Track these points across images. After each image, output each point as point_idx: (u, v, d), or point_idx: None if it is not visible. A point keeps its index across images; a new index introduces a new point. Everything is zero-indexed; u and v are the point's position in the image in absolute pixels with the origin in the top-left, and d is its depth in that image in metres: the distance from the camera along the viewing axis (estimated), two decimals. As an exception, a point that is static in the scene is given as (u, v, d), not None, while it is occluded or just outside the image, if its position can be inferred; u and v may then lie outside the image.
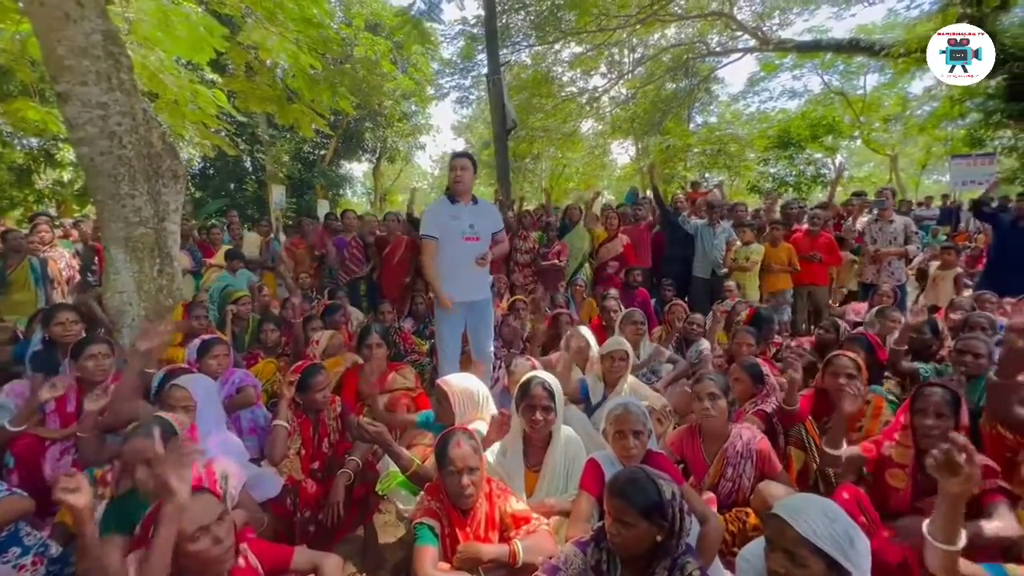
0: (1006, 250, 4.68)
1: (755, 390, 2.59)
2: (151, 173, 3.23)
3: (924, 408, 1.85)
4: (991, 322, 3.34)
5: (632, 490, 1.36)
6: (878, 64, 16.10)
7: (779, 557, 1.22)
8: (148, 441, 1.60)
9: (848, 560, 1.17)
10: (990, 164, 10.97)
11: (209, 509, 1.28)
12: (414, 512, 1.74)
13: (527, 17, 14.22)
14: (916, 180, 23.38)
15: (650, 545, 1.34)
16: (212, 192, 17.13)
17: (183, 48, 5.64)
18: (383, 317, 4.31)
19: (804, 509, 1.22)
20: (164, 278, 3.31)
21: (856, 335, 3.19)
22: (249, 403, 2.78)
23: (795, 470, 2.37)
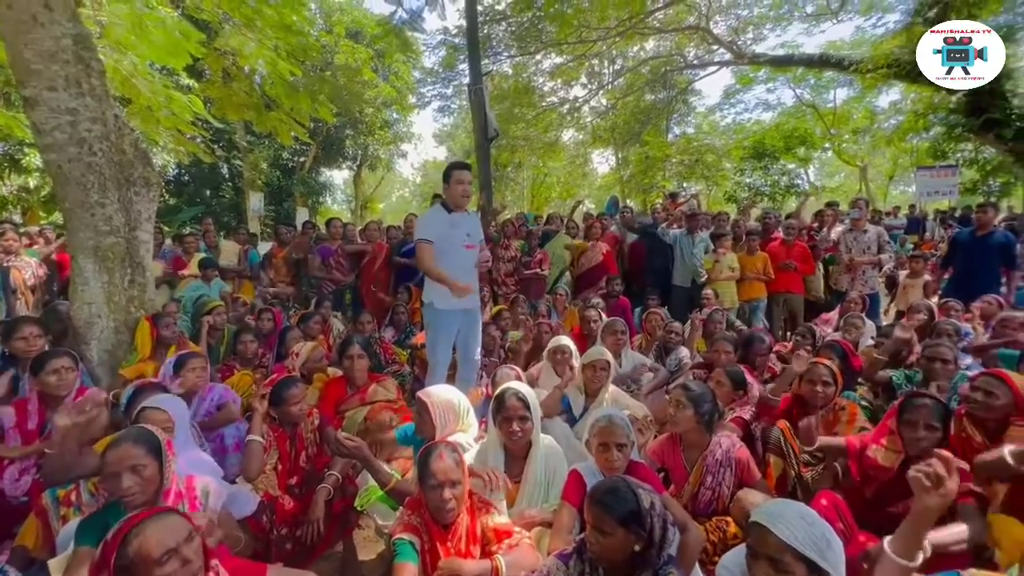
0: (969, 259, 4.85)
1: (735, 396, 2.62)
2: (122, 181, 3.14)
3: (914, 420, 1.88)
4: (956, 328, 3.47)
5: (611, 499, 1.37)
6: (847, 79, 16.68)
7: (763, 565, 1.23)
8: (134, 448, 1.56)
9: (826, 561, 1.19)
10: (952, 175, 11.45)
11: (176, 530, 1.23)
12: (394, 527, 1.71)
13: (508, 28, 14.35)
14: (884, 190, 24.21)
15: (628, 554, 1.35)
16: (187, 199, 16.76)
17: (158, 53, 5.52)
18: (363, 327, 4.26)
19: (783, 515, 1.24)
20: (135, 288, 3.21)
21: (830, 342, 3.27)
22: (232, 420, 2.68)
23: (774, 477, 2.40)
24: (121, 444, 1.58)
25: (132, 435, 1.62)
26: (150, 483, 1.58)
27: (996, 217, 5.24)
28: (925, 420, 1.87)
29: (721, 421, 2.41)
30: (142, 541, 1.19)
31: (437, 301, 3.17)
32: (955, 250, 5.04)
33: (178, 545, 1.22)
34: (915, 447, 1.87)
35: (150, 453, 1.59)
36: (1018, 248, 4.97)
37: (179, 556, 1.21)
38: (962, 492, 1.77)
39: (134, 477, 1.55)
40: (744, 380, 2.66)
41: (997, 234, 4.77)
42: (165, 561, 1.19)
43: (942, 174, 11.60)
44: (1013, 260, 4.76)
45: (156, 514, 1.26)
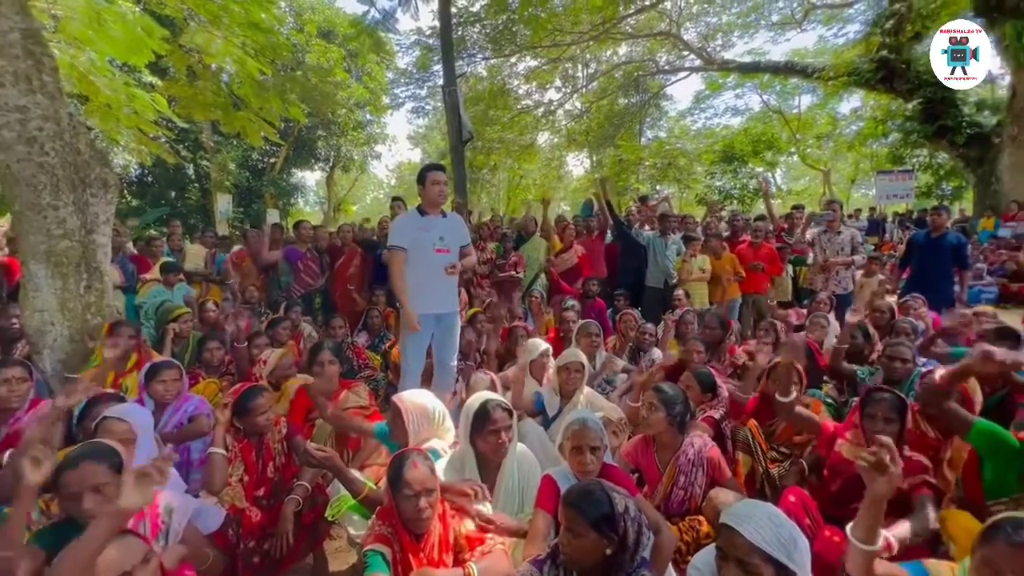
0: (924, 259, 5.07)
1: (703, 398, 2.67)
2: (77, 182, 2.99)
3: (873, 414, 1.98)
4: (914, 327, 3.62)
5: (585, 501, 1.37)
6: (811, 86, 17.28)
7: (732, 568, 1.25)
8: (96, 467, 1.47)
9: (793, 562, 1.22)
10: (909, 179, 11.98)
11: (131, 552, 1.18)
12: (364, 538, 1.67)
13: (483, 30, 14.36)
14: (847, 194, 25.12)
15: (600, 557, 1.35)
16: (151, 200, 16.16)
17: (118, 49, 5.31)
18: (334, 332, 4.17)
19: (751, 516, 1.26)
20: (92, 295, 3.06)
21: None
22: (201, 434, 2.55)
23: (743, 474, 2.46)
24: (81, 463, 1.48)
25: (91, 452, 1.53)
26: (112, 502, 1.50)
27: (949, 220, 5.50)
28: (884, 414, 1.96)
29: (692, 421, 2.45)
30: None
31: (409, 305, 3.14)
32: (911, 251, 5.26)
33: (133, 569, 1.16)
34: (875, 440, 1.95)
35: (112, 470, 1.51)
36: (969, 249, 5.22)
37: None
38: (919, 484, 1.84)
39: (96, 497, 1.46)
40: (714, 382, 2.71)
41: (950, 235, 5.00)
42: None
43: (900, 178, 12.12)
44: (964, 260, 5.00)
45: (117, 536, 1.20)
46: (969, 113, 11.27)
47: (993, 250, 8.25)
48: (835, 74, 12.94)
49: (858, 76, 12.52)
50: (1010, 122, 9.88)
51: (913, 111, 11.87)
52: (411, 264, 3.12)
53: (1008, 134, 9.93)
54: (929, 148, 13.63)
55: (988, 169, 10.53)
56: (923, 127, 11.62)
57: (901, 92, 12.10)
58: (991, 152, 10.47)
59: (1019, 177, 10.03)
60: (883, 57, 11.92)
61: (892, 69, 11.85)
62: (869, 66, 12.24)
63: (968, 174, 11.69)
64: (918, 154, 14.94)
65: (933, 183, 15.43)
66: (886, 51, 11.91)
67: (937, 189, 15.54)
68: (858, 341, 3.41)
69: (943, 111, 11.10)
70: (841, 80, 12.92)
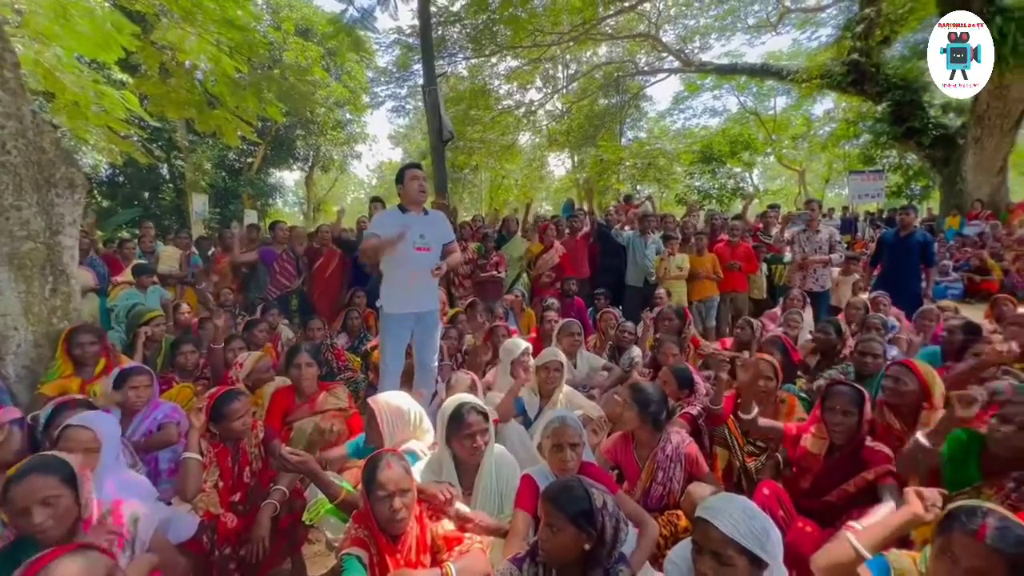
0: (893, 257, 5.24)
1: (681, 394, 2.71)
2: (41, 182, 2.89)
3: (833, 407, 2.03)
4: (883, 322, 3.73)
5: (565, 497, 1.38)
6: (785, 88, 17.68)
7: (707, 560, 1.28)
8: (42, 479, 1.42)
9: (765, 552, 1.25)
10: (880, 180, 12.33)
11: (92, 568, 1.14)
12: (341, 542, 1.65)
13: (463, 30, 14.32)
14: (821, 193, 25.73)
15: (579, 552, 1.36)
16: (123, 201, 15.71)
17: (86, 45, 5.15)
18: (313, 334, 4.12)
19: (725, 510, 1.29)
20: (58, 298, 2.96)
21: (771, 337, 3.44)
22: (170, 442, 2.47)
23: (720, 468, 2.51)
24: (26, 476, 1.42)
25: (38, 465, 1.47)
26: (66, 515, 1.45)
27: (916, 219, 5.68)
28: (843, 407, 2.01)
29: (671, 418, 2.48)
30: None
31: (387, 305, 3.12)
32: (881, 249, 5.42)
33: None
34: (836, 432, 2.03)
35: (63, 482, 1.45)
36: (935, 247, 5.40)
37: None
38: (884, 473, 1.90)
39: (46, 511, 1.41)
40: (691, 379, 2.75)
41: (917, 234, 5.17)
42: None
43: (871, 178, 12.46)
44: (931, 258, 5.17)
45: (69, 552, 1.15)
46: (935, 115, 11.65)
47: (959, 247, 8.55)
48: (808, 77, 13.25)
49: (830, 79, 12.84)
50: (973, 124, 10.23)
51: (882, 113, 12.22)
52: (390, 262, 3.10)
53: (972, 135, 10.29)
54: (898, 149, 14.05)
55: (953, 169, 10.90)
56: (892, 129, 11.97)
57: (871, 95, 12.46)
58: (956, 153, 10.83)
59: (982, 177, 10.41)
60: (854, 60, 12.25)
61: (862, 72, 12.19)
62: (840, 69, 12.57)
63: (935, 174, 12.09)
64: (888, 155, 15.38)
65: (903, 183, 15.90)
66: (856, 55, 12.24)
67: (907, 189, 16.02)
68: (831, 338, 3.50)
69: (911, 113, 11.46)
70: (814, 83, 13.24)
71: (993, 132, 9.99)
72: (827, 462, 2.04)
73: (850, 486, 1.94)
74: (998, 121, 9.86)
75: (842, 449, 2.03)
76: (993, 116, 9.84)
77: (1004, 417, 1.80)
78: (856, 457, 1.99)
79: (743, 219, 6.40)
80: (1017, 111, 9.78)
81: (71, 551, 1.16)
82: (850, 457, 2.00)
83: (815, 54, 15.41)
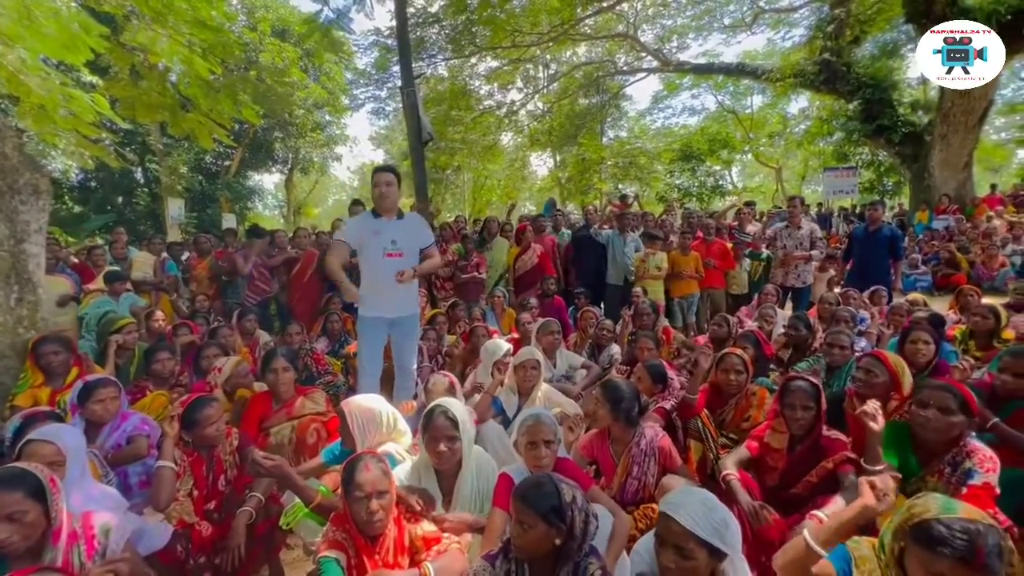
0: (863, 251, 5.39)
1: (655, 389, 2.76)
2: (4, 188, 2.82)
3: (792, 403, 2.09)
4: (852, 315, 3.84)
5: (535, 493, 1.41)
6: (761, 86, 17.99)
7: (669, 553, 1.31)
8: (6, 496, 1.39)
9: (724, 543, 1.29)
10: (853, 176, 12.63)
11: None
12: (319, 545, 1.66)
13: (442, 31, 14.29)
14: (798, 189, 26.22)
15: (550, 547, 1.38)
16: (95, 206, 15.32)
17: (52, 47, 5.01)
18: (291, 339, 4.08)
19: (685, 503, 1.33)
20: (24, 307, 2.89)
21: (745, 332, 3.51)
22: (140, 456, 2.42)
23: (694, 461, 2.56)
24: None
25: (3, 479, 1.43)
26: (33, 528, 1.42)
27: (884, 214, 5.84)
28: (801, 402, 2.07)
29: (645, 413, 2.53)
30: None
31: (362, 308, 3.12)
32: (852, 244, 5.57)
33: None
34: (796, 426, 2.09)
35: (29, 496, 1.42)
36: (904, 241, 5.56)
37: None
38: (842, 461, 1.97)
39: (11, 526, 1.38)
40: (664, 374, 2.80)
41: (885, 229, 5.32)
42: None
43: (845, 175, 12.75)
44: (899, 251, 5.34)
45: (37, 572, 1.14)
46: (904, 113, 11.99)
47: (927, 241, 8.83)
48: (782, 76, 13.54)
49: (803, 78, 13.14)
50: (939, 121, 10.56)
51: (854, 111, 12.54)
52: (362, 267, 3.11)
53: (938, 132, 10.62)
54: (870, 146, 14.42)
55: (922, 165, 11.23)
56: (863, 126, 12.29)
57: (843, 93, 12.77)
58: (924, 149, 11.17)
59: (948, 173, 10.75)
60: (825, 60, 12.55)
61: (834, 71, 12.49)
62: (813, 68, 12.87)
63: (904, 170, 12.44)
64: (861, 152, 15.77)
65: (875, 179, 16.32)
66: (828, 54, 12.55)
67: (879, 185, 16.44)
68: (801, 332, 3.59)
69: (880, 111, 11.78)
70: (788, 82, 13.53)
71: (958, 129, 10.33)
72: (790, 456, 2.10)
73: (812, 476, 2.00)
74: (962, 118, 10.20)
75: (803, 441, 2.09)
76: (958, 113, 10.18)
77: (922, 402, 1.90)
78: (816, 447, 2.06)
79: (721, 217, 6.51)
80: (980, 108, 10.13)
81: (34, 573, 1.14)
82: (811, 449, 2.07)
83: (789, 53, 15.72)
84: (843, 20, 12.30)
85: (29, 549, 1.43)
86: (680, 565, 1.29)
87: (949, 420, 1.83)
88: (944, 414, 1.83)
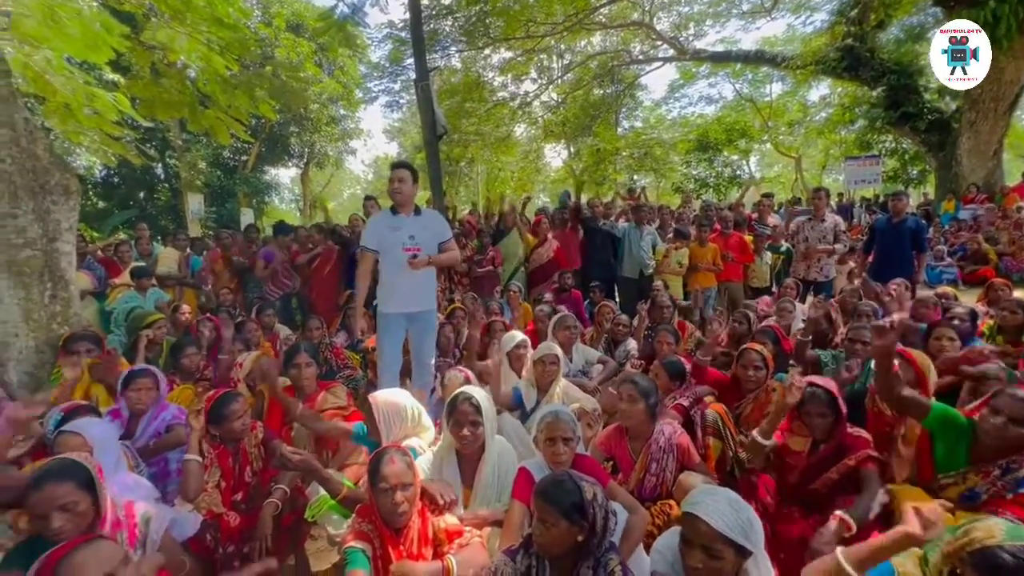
0: (885, 243, 5.25)
1: (673, 386, 2.76)
2: (37, 189, 2.91)
3: (809, 411, 2.08)
4: (874, 310, 3.76)
5: (556, 491, 1.42)
6: (781, 74, 17.57)
7: (697, 554, 1.32)
8: (60, 487, 1.46)
9: (749, 542, 1.30)
10: (876, 165, 12.32)
11: (111, 555, 1.19)
12: (345, 536, 1.70)
13: (456, 23, 14.22)
14: (818, 179, 25.67)
15: (572, 544, 1.40)
16: (118, 202, 15.69)
17: (75, 47, 5.11)
18: (311, 334, 4.14)
19: (712, 504, 1.33)
20: (57, 304, 2.99)
21: (764, 327, 3.48)
22: (179, 444, 2.48)
23: (713, 458, 2.55)
24: (44, 485, 1.46)
25: (55, 472, 1.50)
26: (83, 518, 1.49)
27: (908, 204, 5.68)
28: (818, 410, 2.06)
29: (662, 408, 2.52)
30: (75, 570, 1.14)
31: (381, 304, 3.16)
32: (874, 236, 5.44)
33: (114, 570, 1.18)
34: (818, 431, 2.09)
35: (81, 487, 1.49)
36: (929, 232, 5.41)
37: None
38: (864, 459, 1.94)
39: (64, 515, 1.45)
40: (683, 371, 2.79)
41: (909, 220, 5.18)
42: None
43: (867, 164, 12.44)
44: (922, 244, 5.19)
45: (83, 542, 1.20)
46: (930, 99, 11.63)
47: (954, 232, 8.59)
48: (803, 63, 13.19)
49: (825, 64, 12.79)
50: (968, 108, 10.22)
51: (877, 98, 12.19)
52: (381, 263, 3.14)
53: (966, 119, 10.28)
54: (894, 134, 14.03)
55: (948, 153, 10.90)
56: (887, 114, 11.94)
57: (866, 79, 12.41)
58: (951, 137, 10.83)
59: (977, 161, 10.41)
60: (848, 45, 12.19)
61: (857, 57, 12.14)
62: (835, 54, 12.51)
63: (930, 159, 12.08)
64: (884, 140, 15.34)
65: (899, 168, 15.88)
66: (851, 39, 12.19)
67: (903, 174, 15.99)
68: (822, 327, 3.54)
69: (905, 98, 11.44)
70: (809, 69, 13.19)
71: (988, 115, 9.99)
72: (811, 457, 2.09)
73: (833, 473, 1.98)
74: (992, 104, 9.85)
75: (826, 443, 2.07)
76: (987, 99, 9.83)
77: (995, 408, 1.84)
78: (840, 446, 2.04)
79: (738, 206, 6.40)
80: (1011, 94, 9.77)
81: (86, 542, 1.20)
82: (833, 449, 2.05)
83: (810, 39, 15.29)
84: (867, 3, 11.92)
85: None
86: (708, 565, 1.30)
87: (1020, 432, 1.76)
88: (1016, 425, 1.77)
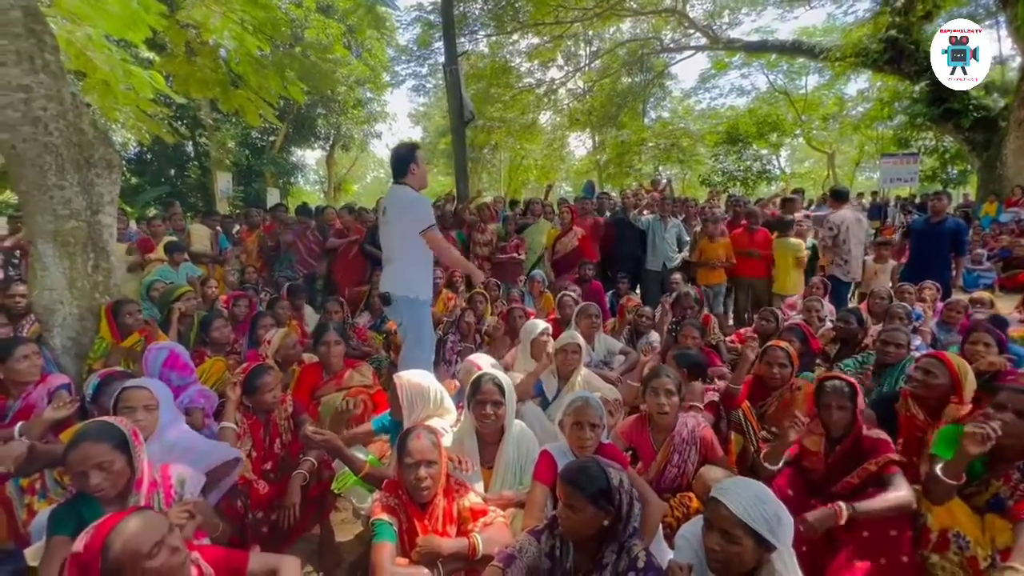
0: (922, 245, 5.09)
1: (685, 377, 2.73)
2: (82, 162, 3.00)
3: (827, 403, 2.05)
4: (908, 312, 3.66)
5: (583, 477, 1.44)
6: (818, 66, 16.99)
7: (715, 536, 1.34)
8: (95, 447, 1.54)
9: (775, 536, 1.30)
10: (914, 163, 11.87)
11: (158, 523, 1.25)
12: (372, 508, 1.76)
13: (485, 6, 14.09)
14: (851, 177, 24.91)
15: (598, 529, 1.43)
16: (151, 178, 16.08)
17: (115, 25, 5.23)
18: (329, 316, 4.20)
19: (739, 493, 1.34)
20: (99, 274, 3.10)
21: (791, 325, 3.42)
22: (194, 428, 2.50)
23: (735, 453, 2.55)
24: (80, 444, 1.54)
25: (92, 433, 1.57)
26: (120, 476, 1.57)
27: (949, 205, 5.47)
28: (837, 402, 2.02)
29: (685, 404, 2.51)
30: (126, 539, 1.19)
31: (423, 294, 3.05)
32: (910, 237, 5.27)
33: (163, 537, 1.24)
34: (832, 426, 2.05)
35: (115, 448, 1.57)
36: (969, 234, 5.20)
37: (167, 546, 1.23)
38: (887, 463, 1.91)
39: (101, 474, 1.53)
40: (696, 362, 2.77)
41: (949, 221, 5.00)
42: (156, 553, 1.21)
43: (904, 162, 11.99)
44: (962, 247, 5.02)
45: (131, 513, 1.26)
46: (976, 96, 11.11)
47: (994, 235, 8.25)
48: (842, 54, 12.72)
49: (866, 56, 12.31)
50: (1017, 105, 9.76)
51: (920, 93, 11.71)
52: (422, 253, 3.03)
53: (1015, 117, 9.82)
54: (935, 131, 13.49)
55: (993, 153, 10.45)
56: (929, 110, 11.48)
57: (908, 74, 11.92)
58: (997, 136, 10.37)
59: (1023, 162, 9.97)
60: (891, 37, 11.70)
61: (900, 50, 11.65)
62: (877, 46, 12.03)
63: (973, 158, 11.60)
64: (924, 137, 14.76)
65: (938, 167, 15.28)
66: (895, 31, 11.69)
67: (942, 173, 15.39)
68: (852, 327, 3.46)
69: (950, 94, 10.93)
70: (848, 61, 12.71)
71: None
72: (828, 459, 2.06)
73: (854, 478, 1.94)
74: (1043, 102, 9.40)
75: (841, 442, 2.04)
76: (1039, 97, 9.38)
77: (998, 404, 1.81)
78: (857, 448, 2.00)
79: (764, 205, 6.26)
80: (1065, 91, 9.30)
81: (132, 513, 1.27)
82: (851, 450, 2.01)
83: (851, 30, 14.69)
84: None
85: (117, 495, 1.59)
86: (725, 549, 1.32)
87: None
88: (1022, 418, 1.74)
